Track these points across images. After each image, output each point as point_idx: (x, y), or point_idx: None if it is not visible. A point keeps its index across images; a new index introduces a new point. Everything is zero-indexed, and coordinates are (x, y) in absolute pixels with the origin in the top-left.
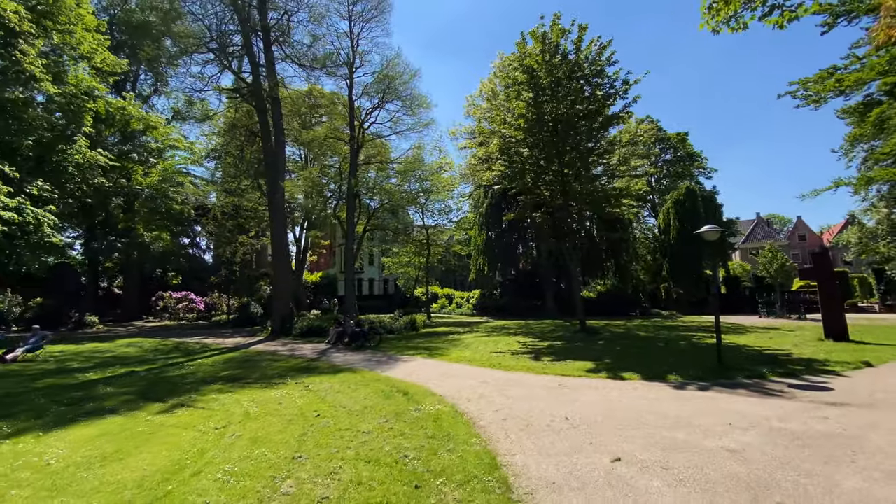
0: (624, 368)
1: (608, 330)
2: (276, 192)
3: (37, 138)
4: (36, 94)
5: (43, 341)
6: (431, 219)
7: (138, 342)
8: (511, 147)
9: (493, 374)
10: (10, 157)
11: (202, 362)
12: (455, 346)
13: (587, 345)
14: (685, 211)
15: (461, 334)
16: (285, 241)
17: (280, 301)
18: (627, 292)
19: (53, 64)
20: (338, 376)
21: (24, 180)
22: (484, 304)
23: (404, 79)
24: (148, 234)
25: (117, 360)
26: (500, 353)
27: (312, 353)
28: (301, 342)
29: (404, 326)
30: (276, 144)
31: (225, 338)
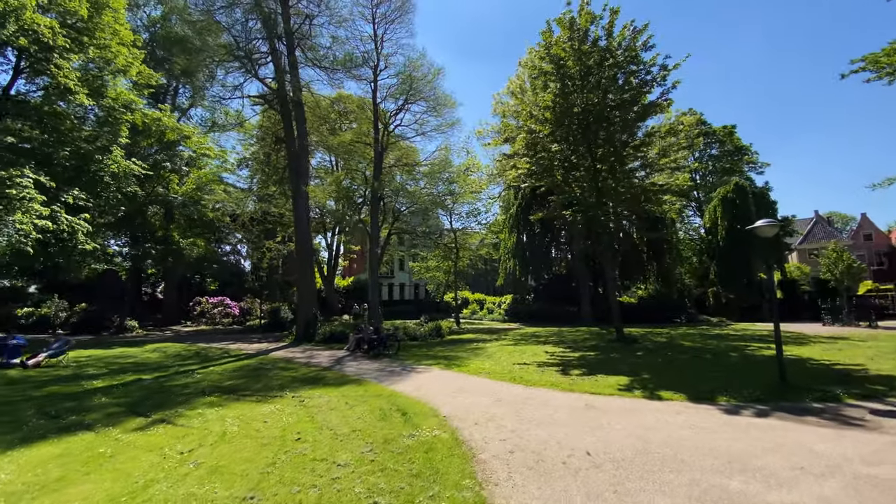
0: (664, 386)
1: (649, 339)
2: (299, 195)
3: (74, 149)
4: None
5: (66, 347)
6: (459, 222)
7: (165, 347)
8: (538, 142)
9: (512, 390)
10: (46, 166)
11: (213, 370)
12: (477, 355)
13: (623, 356)
14: (734, 209)
15: (486, 342)
16: (309, 245)
17: (304, 306)
18: (671, 297)
19: (93, 78)
20: (341, 389)
21: (60, 189)
22: (516, 309)
23: (428, 77)
24: (184, 241)
25: (134, 367)
26: (524, 365)
27: (328, 361)
28: (322, 349)
29: (429, 333)
30: (299, 148)
31: (250, 343)
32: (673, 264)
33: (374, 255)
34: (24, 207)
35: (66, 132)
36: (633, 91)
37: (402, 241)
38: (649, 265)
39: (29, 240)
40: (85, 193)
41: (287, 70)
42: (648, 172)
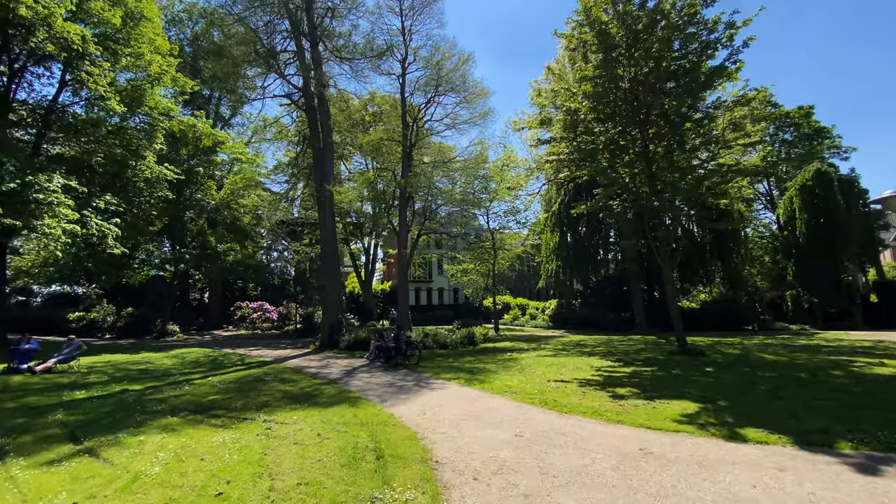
0: (751, 419)
1: (718, 351)
2: (324, 195)
3: (108, 155)
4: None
5: (77, 352)
6: (496, 221)
7: (188, 353)
8: (578, 123)
9: (540, 420)
10: (81, 173)
11: (210, 381)
12: (507, 368)
13: (688, 373)
14: (816, 199)
15: (522, 352)
16: (334, 247)
17: (329, 312)
18: (739, 302)
19: (133, 88)
20: (327, 412)
21: (92, 194)
22: (560, 315)
23: (457, 65)
24: (222, 247)
25: (138, 375)
26: (561, 383)
27: (339, 372)
28: (343, 356)
29: (460, 340)
30: (324, 146)
31: (275, 349)
32: (741, 264)
33: (402, 256)
34: (52, 212)
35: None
36: (693, 56)
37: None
38: (713, 265)
39: (59, 243)
40: (117, 198)
41: (311, 66)
42: (714, 152)
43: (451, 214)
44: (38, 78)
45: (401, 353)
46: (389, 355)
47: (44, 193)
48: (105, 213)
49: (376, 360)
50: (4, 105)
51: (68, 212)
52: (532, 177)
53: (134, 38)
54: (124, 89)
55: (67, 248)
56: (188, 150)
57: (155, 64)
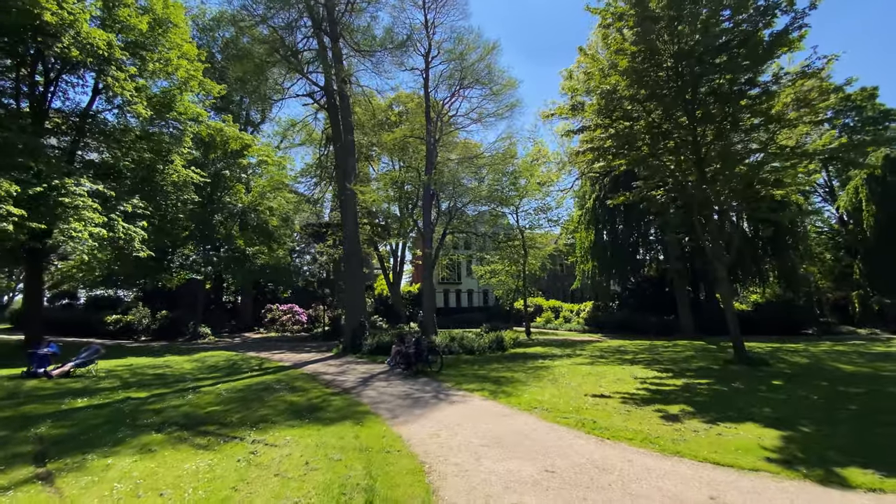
0: (847, 453)
1: (782, 359)
2: (346, 194)
3: (137, 159)
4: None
5: (95, 355)
6: (526, 220)
7: (212, 356)
8: (614, 107)
9: (576, 448)
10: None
11: (218, 388)
12: (538, 378)
13: (752, 387)
14: (886, 189)
15: (556, 359)
16: (356, 248)
17: (351, 315)
18: (797, 303)
19: (163, 93)
20: (327, 431)
21: (120, 198)
22: (597, 318)
23: (480, 53)
24: (251, 249)
25: (152, 381)
26: (601, 399)
27: (355, 379)
28: (364, 361)
29: (488, 345)
30: (345, 143)
31: (298, 352)
32: (799, 261)
33: (426, 256)
34: (78, 216)
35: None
36: (748, 24)
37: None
38: (767, 263)
39: (85, 247)
40: (144, 202)
41: (332, 63)
42: (773, 133)
43: (479, 213)
44: (73, 87)
45: (422, 359)
46: (409, 361)
47: (70, 197)
48: (132, 217)
49: (397, 366)
50: (41, 113)
51: (94, 215)
52: (564, 171)
53: (161, 44)
54: (154, 95)
55: (94, 251)
56: (216, 155)
57: (182, 69)
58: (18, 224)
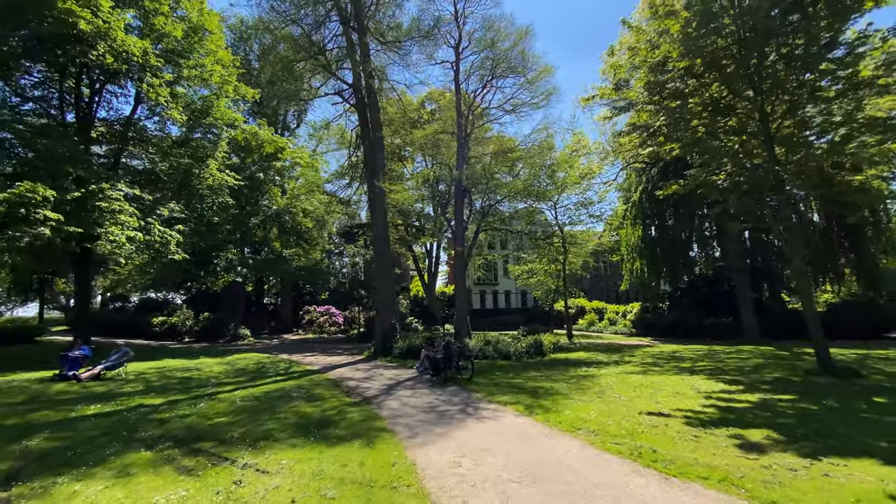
0: None
1: (873, 367)
2: (375, 193)
3: (175, 165)
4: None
5: (124, 358)
6: (566, 215)
7: (244, 359)
8: (665, 81)
9: (633, 489)
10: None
11: (235, 395)
12: (582, 390)
13: (848, 404)
14: None
15: (601, 366)
16: (386, 248)
17: (382, 316)
18: (876, 303)
19: (200, 101)
20: (331, 453)
21: (158, 202)
22: (644, 320)
23: (513, 40)
24: (287, 251)
25: (174, 385)
26: (659, 417)
27: (379, 387)
28: (393, 365)
29: (526, 350)
30: (374, 141)
31: (330, 355)
32: (881, 255)
33: (458, 255)
34: (114, 220)
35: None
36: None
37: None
38: (843, 257)
39: (122, 250)
40: (180, 206)
41: (359, 59)
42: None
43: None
44: (116, 97)
45: (451, 365)
46: (437, 368)
47: (107, 202)
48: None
49: (425, 372)
50: (88, 122)
51: (131, 219)
52: (607, 162)
53: (196, 50)
54: (192, 102)
55: (131, 254)
56: (253, 159)
57: (216, 74)
58: (56, 228)
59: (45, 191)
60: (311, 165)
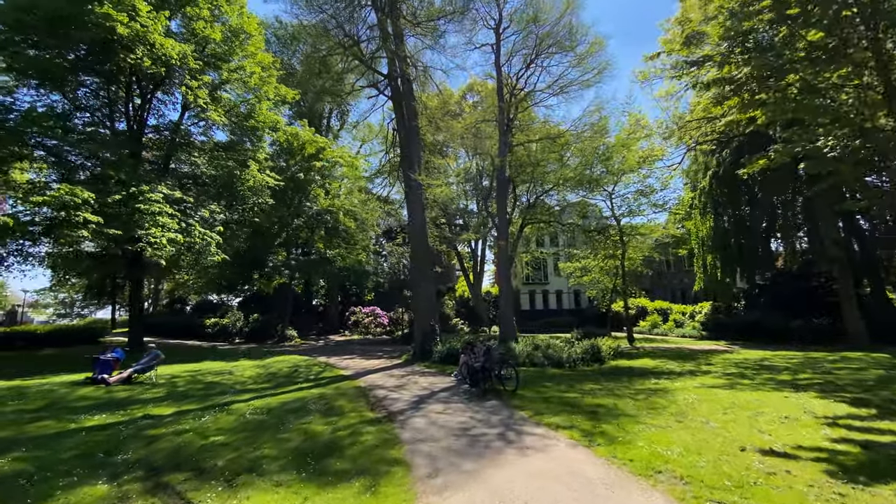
0: None
1: None
2: (410, 183)
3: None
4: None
5: (155, 361)
6: (624, 206)
7: (281, 361)
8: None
9: None
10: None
11: (250, 406)
12: (654, 410)
13: None
14: None
15: (673, 377)
16: (424, 244)
17: (420, 318)
18: None
19: (241, 103)
20: (316, 500)
21: (200, 204)
22: (716, 321)
23: (560, 11)
24: (331, 252)
25: (197, 391)
26: (776, 458)
27: (409, 399)
28: (431, 372)
29: (581, 356)
30: (410, 130)
31: (368, 358)
32: None
33: (502, 251)
34: (154, 221)
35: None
36: None
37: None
38: None
39: (163, 252)
40: (220, 207)
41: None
42: None
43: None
44: (164, 104)
45: (492, 374)
46: (476, 377)
47: (147, 204)
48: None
49: (463, 381)
50: (138, 129)
51: (170, 221)
52: (670, 143)
53: (235, 53)
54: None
55: (172, 256)
56: (296, 160)
57: (256, 75)
58: (97, 231)
59: (84, 193)
60: (351, 164)
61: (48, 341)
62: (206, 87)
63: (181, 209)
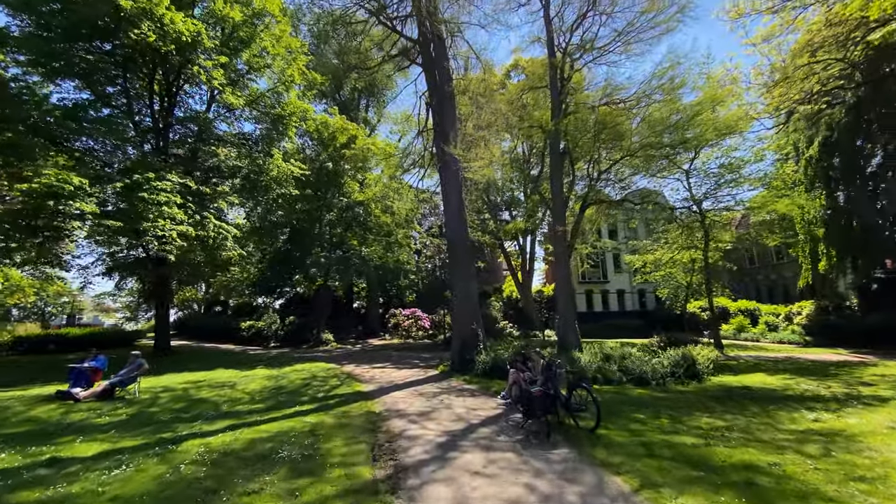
0: None
1: None
2: (444, 158)
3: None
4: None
5: (135, 372)
6: (705, 183)
7: (300, 370)
8: None
9: None
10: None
11: (204, 443)
12: (862, 481)
13: None
14: None
15: (830, 406)
16: (462, 232)
17: (459, 320)
18: None
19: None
20: None
21: (216, 196)
22: (826, 324)
23: None
24: (367, 250)
25: (174, 413)
26: None
27: (436, 437)
28: (470, 389)
29: (670, 371)
30: (443, 96)
31: (400, 368)
32: None
33: (559, 240)
34: (160, 212)
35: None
36: None
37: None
38: None
39: (171, 247)
40: (240, 198)
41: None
42: None
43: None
44: (191, 98)
45: (554, 404)
46: (532, 410)
47: (153, 193)
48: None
49: (516, 405)
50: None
51: (177, 211)
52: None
53: (259, 35)
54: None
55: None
56: (327, 152)
57: (279, 59)
58: (96, 224)
59: (75, 178)
60: (384, 152)
61: (80, 345)
62: (223, 68)
63: (196, 200)
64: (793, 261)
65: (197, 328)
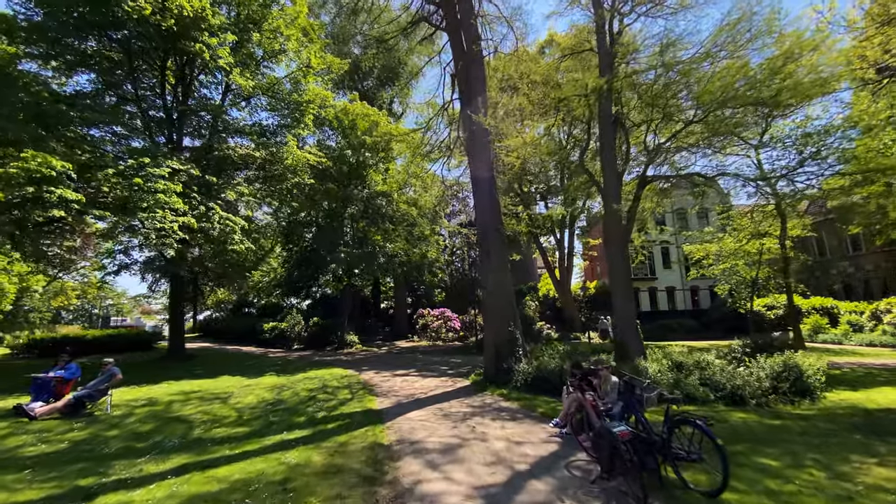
0: None
1: None
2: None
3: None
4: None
5: (105, 384)
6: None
7: (312, 376)
8: None
9: None
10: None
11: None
12: None
13: None
14: None
15: None
16: (495, 218)
17: (492, 324)
18: None
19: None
20: None
21: (224, 186)
22: None
23: None
24: (391, 246)
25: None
26: None
27: (470, 497)
28: (510, 410)
29: (770, 385)
30: (469, 60)
31: (425, 376)
32: None
33: (612, 217)
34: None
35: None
36: None
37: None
38: None
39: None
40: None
41: None
42: None
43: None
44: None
45: (652, 451)
46: (613, 466)
47: (150, 181)
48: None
49: (572, 442)
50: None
51: (176, 200)
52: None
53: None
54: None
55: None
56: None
57: (293, 40)
58: (80, 212)
59: (57, 162)
60: (405, 139)
61: (97, 347)
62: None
63: (203, 190)
64: (875, 252)
65: (221, 331)
